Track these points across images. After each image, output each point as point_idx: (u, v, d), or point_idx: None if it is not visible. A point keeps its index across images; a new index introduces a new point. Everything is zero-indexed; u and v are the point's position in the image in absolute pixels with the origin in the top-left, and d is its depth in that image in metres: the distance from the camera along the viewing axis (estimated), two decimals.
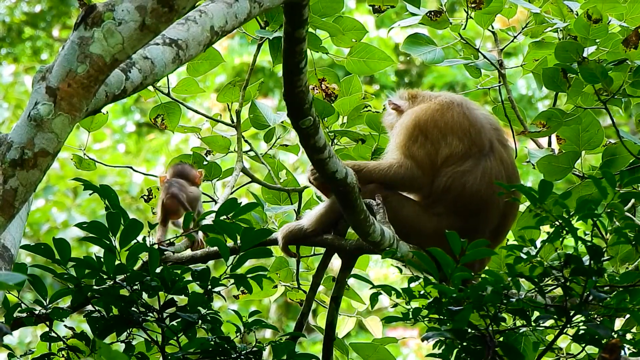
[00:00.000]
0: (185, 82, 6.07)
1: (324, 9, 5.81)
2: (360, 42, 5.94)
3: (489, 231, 5.36)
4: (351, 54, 5.99)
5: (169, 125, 6.06)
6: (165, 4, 3.75)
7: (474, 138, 5.39)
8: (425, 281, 4.12)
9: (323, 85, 5.96)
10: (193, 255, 5.38)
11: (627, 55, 5.47)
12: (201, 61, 6.03)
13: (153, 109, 6.08)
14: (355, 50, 5.97)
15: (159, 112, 6.07)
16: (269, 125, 6.00)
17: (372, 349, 5.63)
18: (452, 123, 5.41)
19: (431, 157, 5.38)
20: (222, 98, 6.03)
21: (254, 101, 5.99)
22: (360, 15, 13.98)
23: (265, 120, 6.00)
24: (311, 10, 5.73)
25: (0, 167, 3.65)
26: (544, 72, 5.56)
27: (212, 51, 6.01)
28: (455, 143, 5.38)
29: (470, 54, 5.97)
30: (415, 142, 5.39)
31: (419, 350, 11.76)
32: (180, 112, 6.06)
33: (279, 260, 5.89)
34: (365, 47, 5.97)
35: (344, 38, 5.89)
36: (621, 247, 5.25)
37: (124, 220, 4.20)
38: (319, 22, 5.77)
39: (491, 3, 5.78)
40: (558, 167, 5.48)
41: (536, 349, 4.51)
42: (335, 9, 5.85)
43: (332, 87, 5.98)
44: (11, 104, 13.61)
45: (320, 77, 5.97)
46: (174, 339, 4.33)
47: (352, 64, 5.99)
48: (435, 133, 5.40)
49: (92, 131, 5.96)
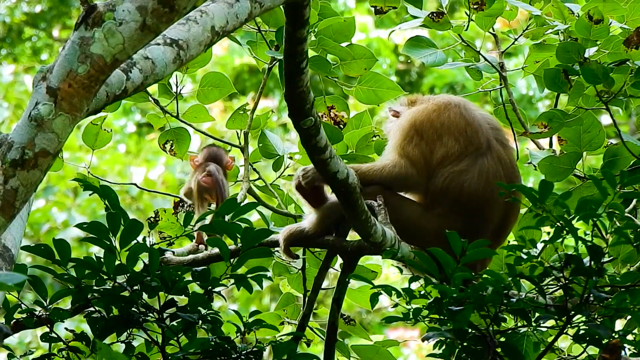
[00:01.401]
0: (194, 108, 6.04)
1: (335, 35, 5.81)
2: (369, 71, 5.93)
3: (490, 231, 5.35)
4: (360, 83, 5.98)
5: (178, 151, 6.01)
6: (166, 4, 3.74)
7: (470, 137, 5.39)
8: (426, 281, 4.12)
9: (332, 113, 5.96)
10: (194, 259, 5.38)
11: (629, 55, 5.47)
12: (211, 88, 6.01)
13: (162, 135, 6.04)
14: (365, 79, 5.97)
15: (168, 138, 6.04)
16: (278, 154, 5.99)
17: (374, 351, 5.63)
18: (449, 123, 5.41)
19: (426, 157, 5.37)
20: (231, 125, 6.03)
21: (264, 131, 5.99)
22: (360, 15, 13.98)
23: (274, 149, 5.99)
24: (322, 34, 5.75)
25: (1, 167, 3.65)
26: (546, 73, 5.55)
27: (222, 78, 6.01)
28: (451, 143, 5.38)
29: (471, 57, 5.97)
30: (410, 142, 5.39)
31: (419, 351, 11.76)
32: (189, 139, 6.02)
33: (285, 297, 5.88)
34: (374, 76, 5.96)
35: (353, 66, 5.89)
36: (622, 248, 5.25)
37: (124, 220, 4.20)
38: (330, 44, 5.76)
39: (492, 5, 5.78)
40: (559, 168, 5.48)
41: (537, 349, 4.51)
42: (347, 35, 5.84)
43: (341, 115, 5.97)
44: (11, 104, 13.62)
45: (329, 105, 5.96)
46: (174, 339, 4.33)
47: (360, 93, 5.99)
48: (431, 133, 5.40)
49: (96, 149, 5.95)
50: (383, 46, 13.81)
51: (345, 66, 5.88)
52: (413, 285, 4.18)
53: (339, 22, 5.83)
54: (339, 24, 5.84)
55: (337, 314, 5.33)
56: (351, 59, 5.84)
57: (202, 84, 6.01)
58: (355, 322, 5.83)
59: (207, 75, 6.02)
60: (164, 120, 6.01)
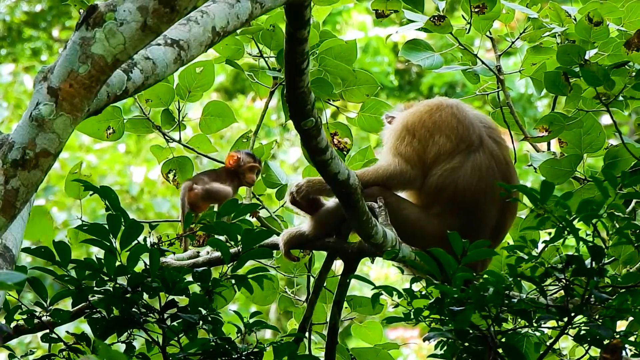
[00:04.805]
0: (197, 138, 6.03)
1: (336, 59, 5.80)
2: (372, 98, 5.93)
3: (489, 229, 5.36)
4: (363, 110, 5.97)
5: (181, 181, 5.97)
6: (166, 4, 3.74)
7: (461, 135, 5.41)
8: (427, 282, 4.12)
9: (335, 140, 5.96)
10: (195, 262, 5.38)
11: (629, 57, 5.47)
12: (214, 117, 6.00)
13: (165, 164, 6.01)
14: (367, 106, 5.96)
15: (171, 167, 6.02)
16: (281, 183, 5.99)
17: (374, 353, 5.63)
18: (440, 122, 5.43)
19: (419, 154, 5.39)
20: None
21: (267, 162, 5.98)
22: (359, 14, 13.97)
23: (277, 179, 5.99)
24: (324, 55, 5.74)
25: (2, 167, 3.64)
26: (546, 76, 5.55)
27: (224, 108, 6.00)
28: (443, 141, 5.40)
29: (468, 60, 5.97)
30: (402, 142, 5.42)
31: (420, 351, 11.76)
32: (192, 168, 5.99)
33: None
34: (377, 103, 5.96)
35: (355, 92, 5.88)
36: (624, 249, 5.26)
37: (124, 221, 4.20)
38: (331, 64, 5.75)
39: (493, 8, 5.78)
40: (560, 171, 5.49)
41: (538, 349, 4.51)
42: (349, 59, 5.84)
43: (345, 142, 5.96)
44: (11, 103, 13.61)
45: (332, 132, 5.95)
46: (175, 340, 4.33)
47: (363, 120, 5.99)
48: (423, 132, 5.42)
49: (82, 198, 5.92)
50: (382, 45, 13.80)
51: (347, 93, 5.88)
52: (414, 286, 4.18)
53: (341, 45, 5.83)
54: (340, 47, 5.84)
55: (337, 316, 5.34)
56: (354, 81, 5.83)
57: (205, 113, 6.00)
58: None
59: (209, 104, 6.01)
60: (167, 151, 5.99)
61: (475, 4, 5.78)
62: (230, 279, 4.40)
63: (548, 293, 4.23)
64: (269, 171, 5.98)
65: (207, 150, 6.03)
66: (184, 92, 5.92)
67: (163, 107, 5.92)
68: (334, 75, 5.80)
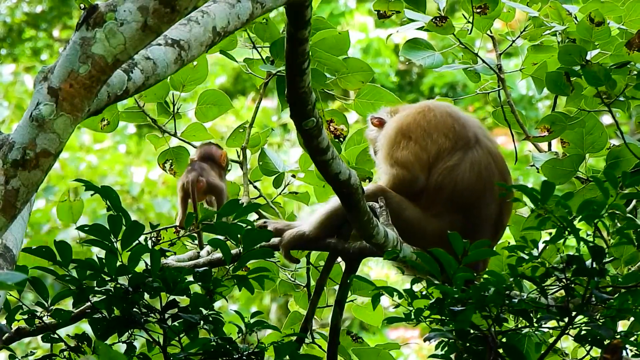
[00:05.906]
0: (193, 127, 6.03)
1: (330, 49, 5.80)
2: (368, 84, 5.92)
3: (489, 228, 5.36)
4: (359, 96, 5.97)
5: (178, 170, 5.99)
6: (167, 4, 3.74)
7: (458, 133, 5.42)
8: (427, 282, 4.12)
9: (331, 127, 5.95)
10: (195, 264, 5.37)
11: (630, 57, 5.46)
12: (210, 106, 6.00)
13: (161, 154, 6.02)
14: (363, 92, 5.96)
15: (167, 157, 6.03)
16: (278, 171, 5.99)
17: (375, 353, 5.62)
18: (436, 122, 5.44)
19: (417, 156, 5.39)
20: (232, 142, 6.02)
21: (264, 149, 5.99)
22: (360, 15, 13.97)
23: (274, 167, 5.99)
24: (316, 46, 5.74)
25: (2, 167, 3.64)
26: (548, 75, 5.55)
27: (220, 96, 6.00)
28: (442, 140, 5.41)
29: (469, 59, 5.97)
30: (398, 147, 5.42)
31: (420, 351, 11.76)
32: (188, 157, 6.00)
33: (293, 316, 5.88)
34: (373, 89, 5.95)
35: (350, 79, 5.88)
36: (625, 249, 5.25)
37: (125, 222, 4.20)
38: (323, 55, 5.75)
39: (495, 8, 5.78)
40: (562, 171, 5.48)
41: (538, 349, 4.51)
42: (342, 49, 5.83)
43: (341, 129, 5.96)
44: (11, 103, 13.62)
45: (328, 119, 5.95)
46: (175, 340, 4.33)
47: (360, 107, 5.98)
48: (420, 132, 5.43)
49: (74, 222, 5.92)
50: (383, 46, 13.80)
51: (342, 80, 5.87)
52: (415, 286, 4.18)
53: (334, 36, 5.82)
54: (334, 38, 5.83)
55: (339, 316, 5.33)
56: (346, 71, 5.82)
57: (200, 101, 6.00)
58: (362, 340, 5.82)
59: (205, 92, 6.01)
60: (163, 140, 6.00)
61: (477, 4, 5.78)
62: (231, 278, 4.40)
63: (549, 293, 4.23)
64: (265, 158, 5.98)
65: (203, 139, 6.05)
66: (178, 86, 5.92)
67: (158, 101, 5.94)
68: (326, 66, 5.80)
